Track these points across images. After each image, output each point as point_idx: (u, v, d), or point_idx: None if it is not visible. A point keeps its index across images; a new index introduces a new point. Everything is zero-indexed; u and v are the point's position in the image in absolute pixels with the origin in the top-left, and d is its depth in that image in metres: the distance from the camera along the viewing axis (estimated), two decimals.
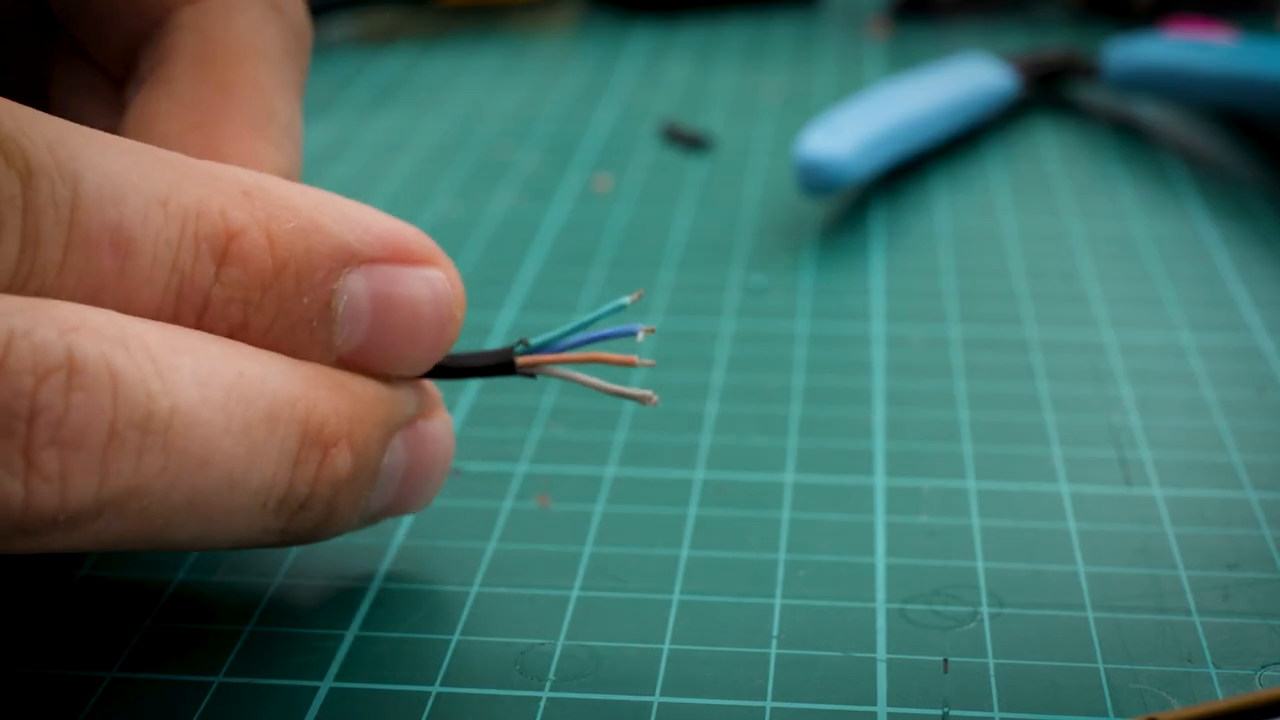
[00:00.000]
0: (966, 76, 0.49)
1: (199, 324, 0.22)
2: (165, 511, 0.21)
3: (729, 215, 0.43)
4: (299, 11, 0.29)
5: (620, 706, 0.24)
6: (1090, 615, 0.26)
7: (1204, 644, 0.25)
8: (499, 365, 0.25)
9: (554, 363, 0.25)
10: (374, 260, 0.23)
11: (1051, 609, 0.26)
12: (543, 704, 0.24)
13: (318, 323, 0.23)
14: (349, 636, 0.26)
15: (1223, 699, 0.23)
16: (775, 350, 0.35)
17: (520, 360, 0.25)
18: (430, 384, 0.26)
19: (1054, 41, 0.58)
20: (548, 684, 0.24)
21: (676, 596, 0.26)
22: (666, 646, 0.25)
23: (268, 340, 0.23)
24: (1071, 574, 0.27)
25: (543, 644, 0.25)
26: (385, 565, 0.27)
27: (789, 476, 0.30)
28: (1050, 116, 0.51)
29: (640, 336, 0.24)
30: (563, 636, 0.25)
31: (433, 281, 0.24)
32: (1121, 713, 0.23)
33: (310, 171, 0.47)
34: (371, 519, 0.25)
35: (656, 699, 0.24)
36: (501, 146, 0.49)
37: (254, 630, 0.26)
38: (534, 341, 0.25)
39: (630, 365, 0.24)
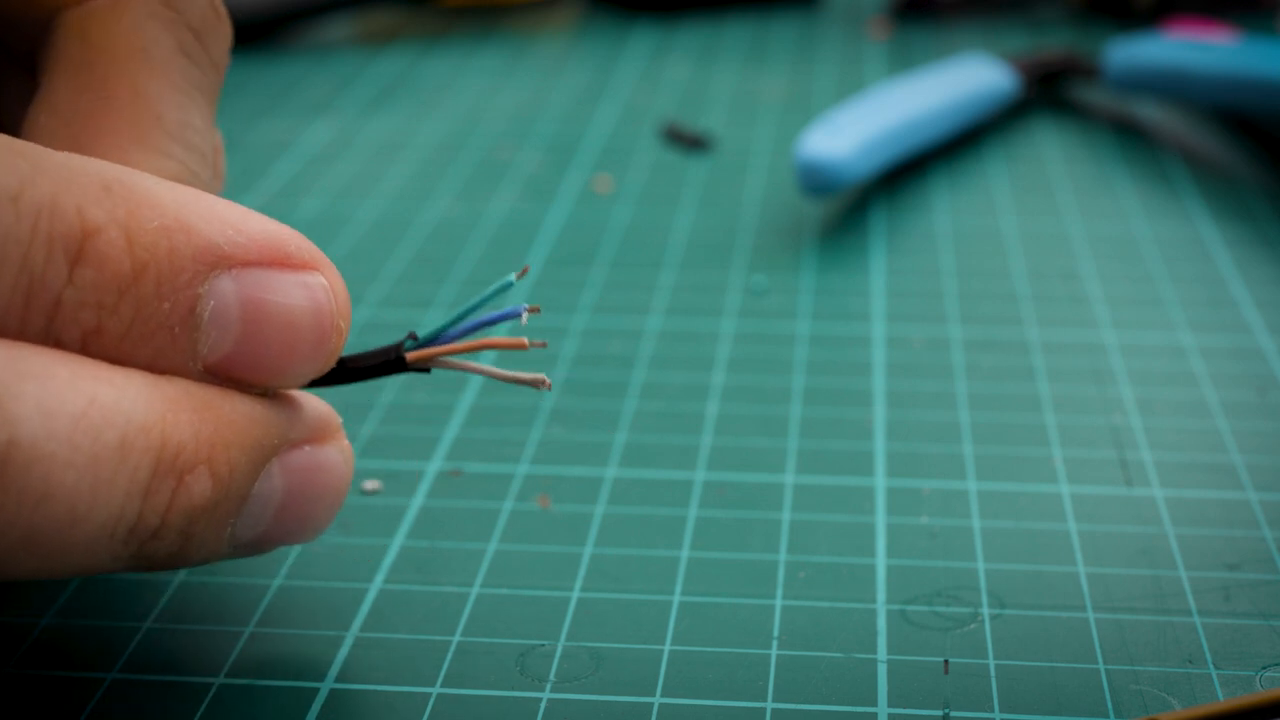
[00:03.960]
0: (967, 77, 0.49)
1: (48, 329, 0.20)
2: None
3: (729, 216, 0.43)
4: (199, 5, 0.26)
5: (621, 708, 0.24)
6: (1091, 616, 0.26)
7: (1205, 645, 0.25)
8: (389, 363, 0.24)
9: (445, 354, 0.24)
10: (246, 263, 0.22)
11: (1052, 610, 0.26)
12: (543, 705, 0.24)
13: (180, 329, 0.21)
14: (349, 637, 0.25)
15: (1223, 700, 0.23)
16: (775, 351, 0.35)
17: (410, 355, 0.24)
18: (328, 408, 0.24)
19: (1054, 42, 0.58)
20: (548, 685, 0.24)
21: (677, 598, 0.26)
22: (667, 648, 0.25)
23: (124, 347, 0.21)
24: (1072, 575, 0.27)
25: (543, 645, 0.25)
26: (386, 566, 0.27)
27: (789, 478, 0.30)
28: (1051, 117, 0.51)
29: (524, 318, 0.23)
30: (563, 638, 0.25)
31: (312, 288, 0.22)
32: (1122, 714, 0.23)
33: (311, 171, 0.47)
34: (246, 549, 0.23)
35: (657, 700, 0.24)
36: (502, 147, 0.49)
37: (254, 631, 0.26)
38: (422, 334, 0.24)
39: (521, 348, 0.24)
